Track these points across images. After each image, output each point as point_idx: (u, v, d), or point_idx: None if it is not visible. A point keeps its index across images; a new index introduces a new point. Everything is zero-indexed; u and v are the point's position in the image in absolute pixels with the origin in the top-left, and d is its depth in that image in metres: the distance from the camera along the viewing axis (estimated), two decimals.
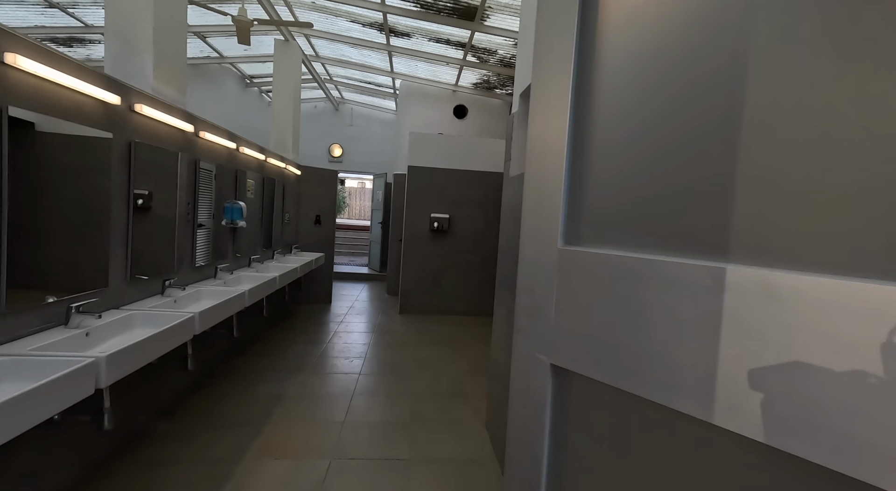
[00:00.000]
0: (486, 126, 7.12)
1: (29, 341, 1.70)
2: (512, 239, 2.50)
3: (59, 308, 1.89)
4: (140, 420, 2.56)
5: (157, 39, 2.57)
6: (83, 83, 1.92)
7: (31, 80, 1.69)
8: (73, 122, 1.92)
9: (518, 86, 2.67)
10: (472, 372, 3.90)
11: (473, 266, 6.02)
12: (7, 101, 1.59)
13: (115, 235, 2.25)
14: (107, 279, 2.20)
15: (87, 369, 1.52)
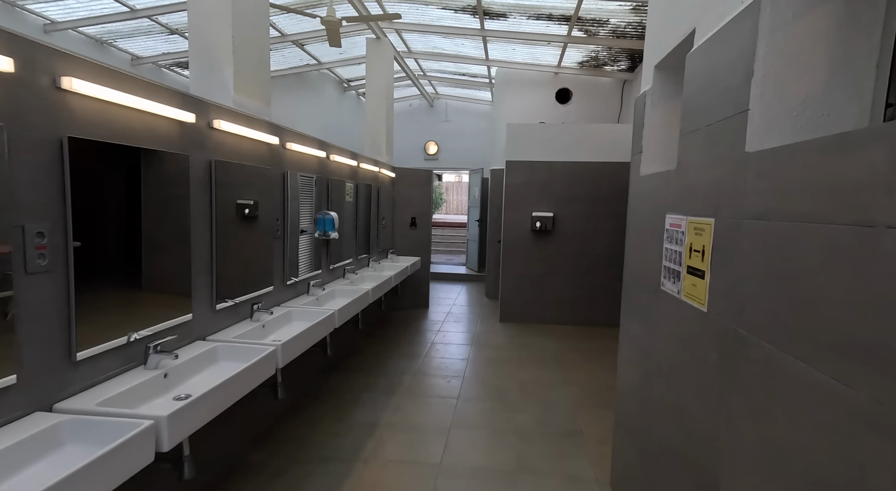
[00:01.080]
0: (594, 109, 6.30)
1: (103, 389, 1.57)
2: (647, 261, 1.90)
3: (138, 348, 1.77)
4: (232, 449, 2.46)
5: (236, 50, 2.41)
6: (153, 103, 1.76)
7: (93, 104, 1.54)
8: (146, 147, 1.78)
9: (651, 54, 2.02)
10: (587, 403, 3.31)
11: (582, 270, 5.33)
12: (66, 130, 1.45)
13: (197, 262, 2.12)
14: (190, 308, 2.08)
15: (145, 435, 1.32)
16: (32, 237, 1.36)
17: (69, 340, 1.49)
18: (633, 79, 6.04)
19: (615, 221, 5.21)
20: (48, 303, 1.42)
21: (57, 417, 1.38)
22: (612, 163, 5.18)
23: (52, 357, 1.44)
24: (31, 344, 1.37)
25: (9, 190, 1.29)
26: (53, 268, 1.43)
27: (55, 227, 1.43)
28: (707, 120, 1.38)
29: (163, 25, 5.00)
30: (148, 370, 1.76)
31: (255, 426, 2.68)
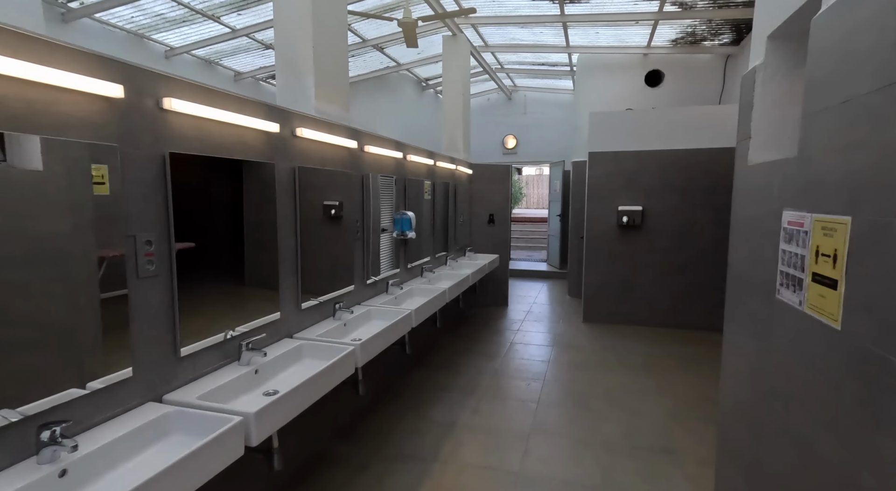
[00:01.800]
0: (690, 91, 5.71)
1: (203, 383, 1.72)
2: (758, 263, 1.64)
3: (233, 344, 1.91)
4: (319, 441, 2.59)
5: (317, 60, 2.51)
6: (241, 116, 1.88)
7: (190, 121, 1.68)
8: (236, 157, 1.91)
9: (763, 23, 1.73)
10: (683, 416, 3.01)
11: (675, 268, 4.87)
12: (167, 147, 1.59)
13: (285, 263, 2.24)
14: (279, 307, 2.21)
15: (234, 430, 1.42)
16: (142, 245, 1.51)
17: (174, 337, 1.65)
18: (737, 53, 5.37)
19: (715, 214, 4.68)
20: (156, 304, 1.57)
21: (165, 407, 1.53)
22: (712, 149, 4.65)
23: (161, 353, 1.60)
24: (143, 341, 1.53)
25: (122, 204, 1.44)
26: (160, 272, 1.58)
27: (161, 236, 1.58)
28: (841, 96, 1.13)
29: (259, 42, 5.43)
30: (241, 366, 1.89)
31: (339, 420, 2.80)
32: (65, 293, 1.31)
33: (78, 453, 1.25)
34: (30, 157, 1.22)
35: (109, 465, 1.33)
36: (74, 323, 1.34)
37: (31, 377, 1.24)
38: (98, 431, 1.37)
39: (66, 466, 1.23)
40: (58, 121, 1.26)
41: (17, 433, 1.20)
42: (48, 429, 1.21)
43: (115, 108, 1.41)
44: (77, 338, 1.35)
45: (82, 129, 1.32)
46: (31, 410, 1.22)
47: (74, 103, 1.30)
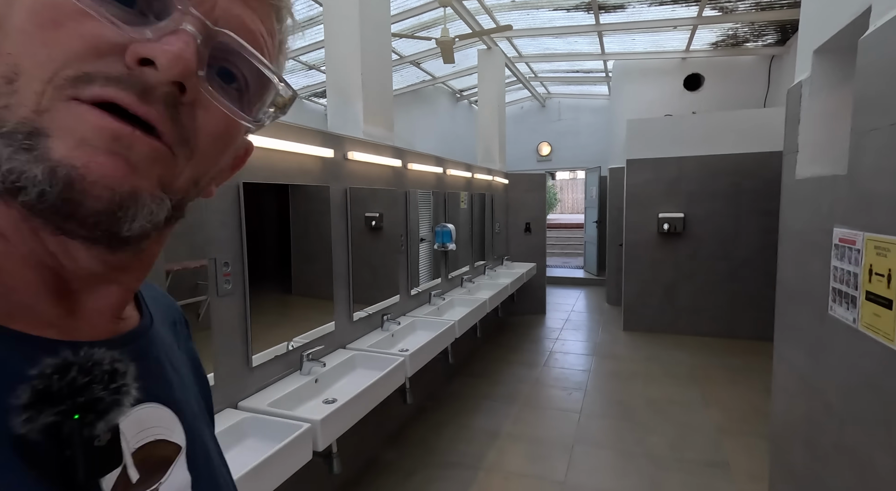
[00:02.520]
0: (732, 94, 5.57)
1: (271, 391, 1.87)
2: (808, 278, 1.63)
3: (294, 355, 2.07)
4: (369, 447, 2.72)
5: (365, 85, 2.66)
6: (301, 144, 2.04)
7: (259, 153, 1.84)
8: (298, 183, 2.07)
9: (809, 37, 1.74)
10: (734, 429, 2.95)
11: (722, 275, 4.75)
12: (241, 177, 1.76)
13: (338, 278, 2.39)
14: (332, 319, 2.35)
15: (305, 436, 1.55)
16: (221, 266, 1.68)
17: (247, 348, 1.81)
18: (783, 54, 5.20)
19: (764, 220, 4.54)
20: (232, 319, 1.73)
21: (241, 413, 1.68)
22: (758, 153, 4.53)
23: (236, 363, 1.76)
24: (222, 352, 1.69)
25: (206, 230, 1.61)
26: (235, 291, 1.74)
27: (236, 258, 1.74)
28: (891, 118, 1.15)
29: (303, 63, 5.72)
30: (302, 375, 2.04)
31: (387, 427, 2.92)
32: None
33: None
34: None
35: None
36: None
37: None
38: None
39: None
40: None
41: None
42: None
43: None
44: None
45: None
46: None
47: None
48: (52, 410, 0.23)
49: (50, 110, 0.23)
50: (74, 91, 0.23)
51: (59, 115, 0.23)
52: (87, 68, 0.23)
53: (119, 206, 0.25)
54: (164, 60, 0.24)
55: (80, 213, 0.24)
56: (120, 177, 0.24)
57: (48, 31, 0.23)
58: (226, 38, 0.27)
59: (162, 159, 0.26)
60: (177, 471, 0.32)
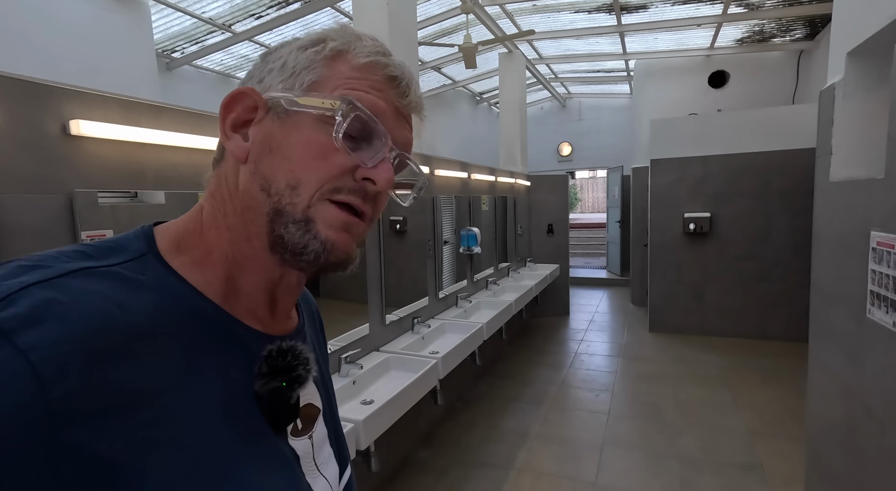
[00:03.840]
0: (759, 90, 5.47)
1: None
2: (845, 281, 1.63)
3: (334, 357, 2.15)
4: (403, 447, 2.79)
5: None
6: None
7: None
8: None
9: (842, 39, 1.74)
10: (767, 432, 2.92)
11: (751, 276, 4.68)
12: None
13: (371, 283, 2.47)
14: (366, 321, 2.43)
15: (348, 435, 1.62)
16: None
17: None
18: (812, 48, 5.09)
19: (794, 219, 4.46)
20: None
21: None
22: (787, 151, 4.45)
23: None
24: None
25: None
26: None
27: None
28: None
29: None
30: (342, 377, 2.12)
31: (420, 427, 2.99)
32: None
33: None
34: (157, 196, 1.47)
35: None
36: None
37: None
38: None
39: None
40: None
41: None
42: None
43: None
44: None
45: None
46: None
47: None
48: (279, 379, 0.38)
49: (315, 207, 0.39)
50: (330, 196, 0.39)
51: (320, 211, 0.39)
52: (338, 184, 0.39)
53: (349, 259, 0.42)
54: (381, 182, 0.41)
55: (329, 264, 0.40)
56: (350, 245, 0.41)
57: (318, 160, 0.39)
58: (405, 159, 0.45)
59: (365, 232, 0.43)
60: (319, 425, 0.48)
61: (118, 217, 1.32)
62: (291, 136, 0.39)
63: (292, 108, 0.39)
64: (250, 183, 0.39)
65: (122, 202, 1.35)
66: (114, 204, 1.32)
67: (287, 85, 0.40)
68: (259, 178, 0.39)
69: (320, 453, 0.46)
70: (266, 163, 0.39)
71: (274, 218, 0.39)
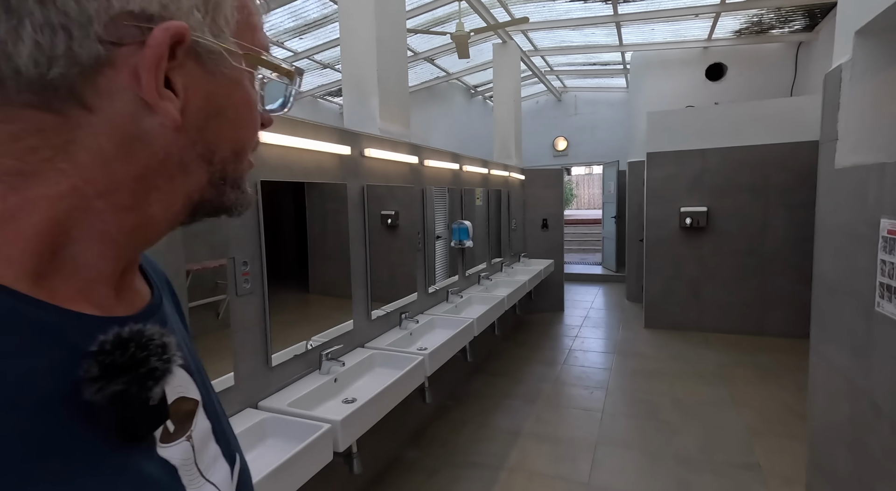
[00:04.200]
0: (757, 83, 5.39)
1: (291, 391, 1.86)
2: (851, 273, 1.54)
3: (313, 354, 2.05)
4: (390, 446, 2.70)
5: (381, 81, 2.63)
6: (318, 142, 2.02)
7: (276, 150, 1.83)
8: (313, 179, 2.05)
9: (848, 18, 1.64)
10: (765, 430, 2.84)
11: (748, 271, 4.60)
12: (259, 175, 1.74)
13: (356, 277, 2.37)
14: (350, 317, 2.33)
15: (325, 436, 1.52)
16: (240, 266, 1.66)
17: (266, 348, 1.79)
18: (811, 40, 5.01)
19: (791, 214, 4.39)
20: (251, 318, 1.72)
21: (262, 413, 1.67)
22: (787, 144, 4.37)
23: (256, 362, 1.75)
24: (241, 352, 1.68)
25: (224, 229, 1.59)
26: (254, 290, 1.73)
27: (254, 257, 1.73)
28: None
29: (318, 62, 5.73)
30: (322, 375, 2.02)
31: (408, 425, 2.89)
32: None
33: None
34: None
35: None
36: None
37: None
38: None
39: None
40: None
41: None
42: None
43: None
44: None
45: None
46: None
47: None
48: (120, 380, 0.27)
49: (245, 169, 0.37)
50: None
51: (246, 167, 0.37)
52: (256, 139, 0.37)
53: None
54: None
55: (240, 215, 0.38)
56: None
57: (254, 120, 0.36)
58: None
59: None
60: (200, 420, 0.38)
61: None
62: (234, 96, 0.34)
63: (235, 63, 0.32)
64: (185, 152, 0.31)
65: None
66: None
67: (212, 25, 0.31)
68: (200, 146, 0.32)
69: (204, 455, 0.37)
70: (211, 129, 0.33)
71: (212, 186, 0.34)
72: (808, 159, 4.31)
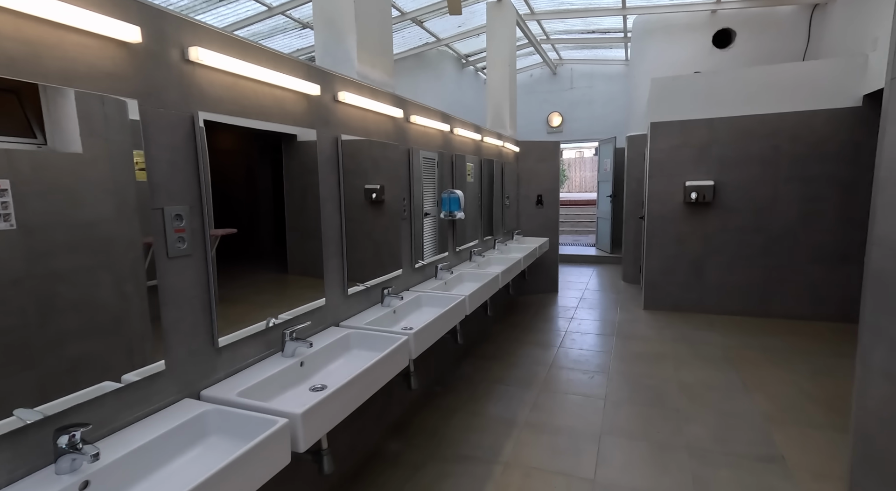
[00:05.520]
0: (766, 50, 5.06)
1: (245, 376, 1.52)
2: None
3: (276, 333, 1.71)
4: (369, 438, 2.39)
5: (359, 18, 2.24)
6: (278, 74, 1.64)
7: (221, 78, 1.45)
8: (273, 123, 1.68)
9: None
10: (783, 418, 2.60)
11: (756, 249, 4.35)
12: (197, 106, 1.37)
13: (329, 245, 2.02)
14: (323, 293, 1.99)
15: (279, 434, 1.20)
16: (171, 220, 1.30)
17: (212, 324, 1.45)
18: (827, 1, 4.68)
19: (804, 188, 4.12)
20: (190, 287, 1.37)
21: (202, 405, 1.33)
22: (801, 112, 4.07)
23: (196, 343, 1.40)
24: (175, 330, 1.33)
25: (147, 171, 1.23)
26: (193, 252, 1.37)
27: (193, 211, 1.37)
28: None
29: (296, 20, 5.24)
30: (285, 358, 1.68)
31: (390, 415, 2.59)
32: (111, 281, 1.16)
33: (101, 462, 1.06)
34: (70, 139, 1.06)
35: (140, 473, 1.14)
36: (121, 311, 1.18)
37: (66, 371, 1.08)
38: (127, 432, 1.19)
39: (89, 477, 1.04)
40: (66, 67, 1.05)
41: (34, 437, 1.02)
42: (66, 433, 1.02)
43: (133, 57, 1.19)
44: (122, 327, 1.19)
45: (94, 79, 1.10)
46: (53, 409, 1.05)
47: (82, 47, 1.08)
48: None
49: None
50: None
51: None
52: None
53: None
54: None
55: None
56: None
57: None
58: None
59: None
60: None
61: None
62: None
63: None
64: None
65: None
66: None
67: None
68: None
69: None
70: None
71: None
72: (823, 129, 4.03)
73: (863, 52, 3.84)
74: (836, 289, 4.14)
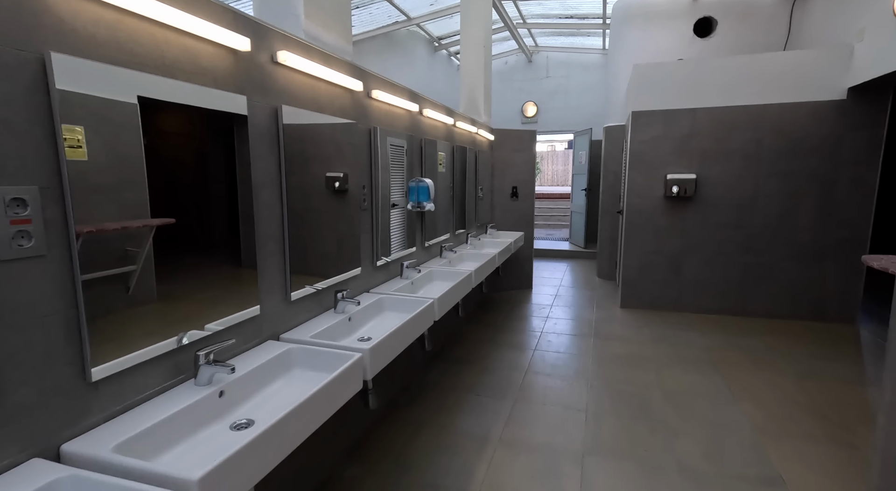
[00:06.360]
0: (748, 40, 4.92)
1: (133, 418, 1.14)
2: None
3: (186, 355, 1.33)
4: (326, 462, 2.03)
5: None
6: (189, 16, 1.25)
7: (96, 10, 1.05)
8: (180, 81, 1.28)
9: None
10: (776, 431, 2.40)
11: (735, 245, 4.21)
12: (49, 45, 0.97)
13: (265, 242, 1.64)
14: (257, 299, 1.61)
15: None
16: (5, 207, 0.91)
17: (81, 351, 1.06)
18: None
19: (784, 184, 3.99)
20: (40, 302, 0.98)
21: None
22: (785, 104, 3.93)
23: (52, 379, 1.02)
24: (12, 363, 0.94)
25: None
26: (48, 251, 0.98)
27: (46, 194, 0.97)
28: None
29: None
30: (199, 387, 1.30)
31: (347, 433, 2.24)
32: None
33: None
34: None
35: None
36: None
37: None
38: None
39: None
40: None
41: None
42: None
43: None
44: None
45: None
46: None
47: None
48: None
49: None
50: None
51: None
52: None
53: None
54: None
55: None
56: None
57: None
58: None
59: None
60: None
61: None
62: None
63: None
64: None
65: None
66: None
67: None
68: None
69: None
70: None
71: None
72: (806, 122, 3.90)
73: (846, 43, 3.71)
74: (812, 288, 4.05)
